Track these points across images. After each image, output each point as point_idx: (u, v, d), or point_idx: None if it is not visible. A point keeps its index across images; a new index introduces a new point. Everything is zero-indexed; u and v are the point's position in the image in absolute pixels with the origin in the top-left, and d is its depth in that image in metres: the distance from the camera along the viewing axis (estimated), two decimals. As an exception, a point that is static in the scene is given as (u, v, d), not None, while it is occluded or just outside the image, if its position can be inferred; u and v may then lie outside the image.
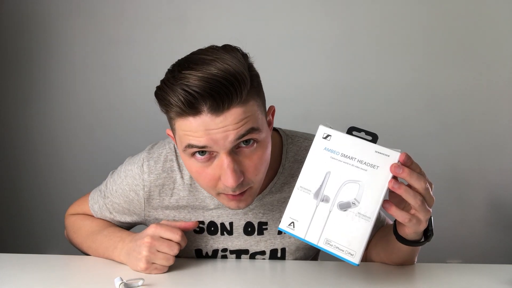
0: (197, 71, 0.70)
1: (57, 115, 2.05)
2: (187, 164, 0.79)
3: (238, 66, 0.72)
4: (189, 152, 0.75)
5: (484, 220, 2.08)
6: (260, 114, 0.77)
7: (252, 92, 0.74)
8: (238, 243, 0.94)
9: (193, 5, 2.00)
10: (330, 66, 2.03)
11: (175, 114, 0.73)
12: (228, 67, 0.71)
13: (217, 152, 0.74)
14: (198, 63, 0.72)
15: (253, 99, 0.75)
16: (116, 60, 2.02)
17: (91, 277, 0.84)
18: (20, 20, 2.01)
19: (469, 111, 2.04)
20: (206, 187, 0.79)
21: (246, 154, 0.76)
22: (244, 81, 0.72)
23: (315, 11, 2.01)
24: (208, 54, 0.74)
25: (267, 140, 0.79)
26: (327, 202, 0.70)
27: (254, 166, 0.77)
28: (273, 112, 0.86)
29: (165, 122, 0.80)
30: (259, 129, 0.75)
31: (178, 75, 0.72)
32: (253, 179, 0.78)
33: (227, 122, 0.71)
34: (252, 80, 0.75)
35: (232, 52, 0.75)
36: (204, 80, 0.69)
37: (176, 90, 0.71)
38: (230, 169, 0.73)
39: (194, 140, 0.73)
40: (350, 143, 0.71)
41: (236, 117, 0.72)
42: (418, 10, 2.00)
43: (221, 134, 0.72)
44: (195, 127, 0.72)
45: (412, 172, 0.69)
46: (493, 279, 0.84)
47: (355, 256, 0.68)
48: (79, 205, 1.03)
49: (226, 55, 0.73)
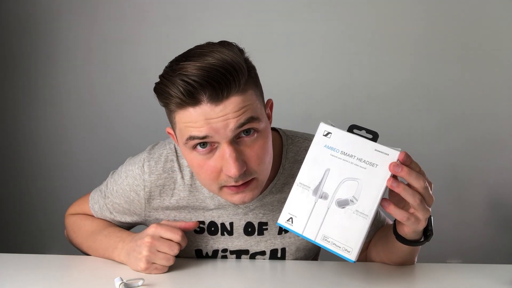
0: (195, 61, 0.72)
1: (57, 115, 2.05)
2: (188, 159, 0.79)
3: (234, 57, 0.74)
4: (190, 145, 0.75)
5: (484, 220, 2.08)
6: (259, 104, 0.77)
7: (250, 82, 0.76)
8: (238, 243, 0.94)
9: (193, 5, 2.00)
10: (329, 66, 2.03)
11: (175, 106, 0.74)
12: (225, 57, 0.72)
13: (218, 142, 0.74)
14: (195, 55, 0.73)
15: (251, 88, 0.76)
16: (117, 60, 2.02)
17: (91, 277, 0.84)
18: (20, 20, 2.01)
19: (469, 110, 2.04)
20: (208, 180, 0.79)
21: (247, 143, 0.76)
22: (241, 70, 0.73)
23: (315, 11, 2.01)
24: (205, 47, 0.75)
25: (268, 131, 0.79)
26: (325, 199, 0.70)
27: (256, 156, 0.77)
28: (271, 105, 0.86)
29: (166, 122, 0.80)
30: (258, 119, 0.76)
31: (176, 67, 0.73)
32: (256, 168, 0.77)
33: (227, 111, 0.72)
34: (249, 71, 0.76)
35: (228, 46, 0.77)
36: (202, 69, 0.71)
37: (175, 82, 0.72)
38: (233, 158, 0.74)
39: (195, 131, 0.73)
40: (350, 141, 0.71)
41: (235, 106, 0.73)
42: (417, 10, 2.01)
43: (222, 123, 0.72)
44: (195, 117, 0.72)
45: (411, 171, 0.69)
46: (493, 279, 0.84)
47: (351, 252, 0.69)
48: (79, 205, 1.03)
49: (223, 48, 0.75)
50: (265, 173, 0.80)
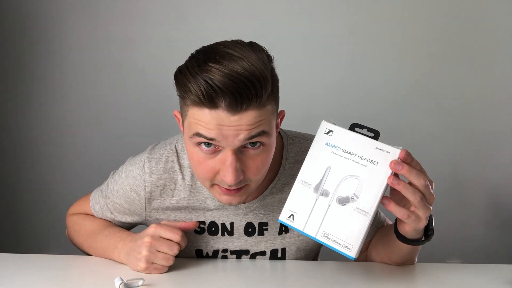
0: (223, 66, 0.70)
1: (57, 114, 2.05)
2: (189, 151, 0.79)
3: (263, 70, 0.72)
4: (195, 141, 0.75)
5: (484, 220, 2.08)
6: (272, 119, 0.77)
7: (271, 97, 0.75)
8: (239, 244, 0.94)
9: (193, 5, 2.00)
10: (331, 67, 2.03)
11: (191, 102, 0.73)
12: (254, 69, 0.70)
13: (223, 147, 0.74)
14: (225, 57, 0.71)
15: (270, 104, 0.75)
16: (117, 60, 2.02)
17: (91, 277, 0.84)
18: (20, 20, 2.01)
19: (469, 111, 2.03)
20: (202, 177, 0.79)
21: (250, 155, 0.76)
22: (266, 86, 0.72)
23: (317, 12, 2.01)
24: (236, 50, 0.73)
25: (273, 144, 0.80)
26: (326, 196, 0.71)
27: (256, 168, 0.77)
28: (283, 117, 0.86)
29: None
30: (269, 133, 0.76)
31: (203, 65, 0.71)
32: (252, 178, 0.78)
33: (241, 122, 0.72)
34: (273, 85, 0.75)
35: (259, 53, 0.75)
36: (229, 77, 0.69)
37: (198, 80, 0.71)
38: (232, 167, 0.74)
39: (204, 131, 0.73)
40: (352, 139, 0.72)
41: (251, 119, 0.72)
42: (418, 9, 2.00)
43: (233, 132, 0.72)
44: (208, 119, 0.72)
45: (411, 169, 0.69)
46: (493, 279, 0.84)
47: (351, 249, 0.69)
48: (80, 205, 1.03)
49: (253, 55, 0.72)
50: (258, 182, 0.81)
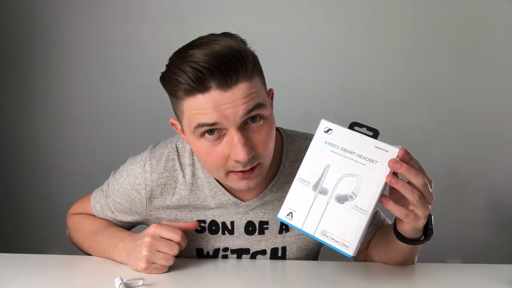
0: (203, 48, 0.74)
1: (57, 114, 2.05)
2: (195, 147, 0.80)
3: (239, 45, 0.76)
4: (198, 133, 0.76)
5: (484, 220, 2.07)
6: (264, 91, 0.80)
7: (255, 69, 0.78)
8: (239, 243, 0.94)
9: (193, 5, 2.00)
10: (330, 66, 2.03)
11: (183, 93, 0.75)
12: (231, 45, 0.75)
13: (226, 129, 0.76)
14: (201, 44, 0.76)
15: (257, 75, 0.78)
16: (117, 60, 2.02)
17: (91, 277, 0.84)
18: (20, 20, 2.00)
19: (469, 111, 2.03)
20: (215, 166, 0.80)
21: (254, 129, 0.78)
22: (248, 57, 0.75)
23: (315, 11, 2.01)
24: (210, 38, 0.78)
25: (272, 117, 0.81)
26: (325, 195, 0.71)
27: (263, 141, 0.78)
28: (272, 95, 0.88)
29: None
30: (265, 105, 0.78)
31: (184, 54, 0.75)
32: (262, 153, 0.79)
33: (235, 97, 0.74)
34: (254, 58, 0.78)
35: (231, 36, 0.80)
36: (211, 55, 0.73)
37: (184, 68, 0.73)
38: (241, 143, 0.75)
39: (204, 117, 0.74)
40: (351, 138, 0.72)
41: (243, 92, 0.74)
42: (418, 9, 2.00)
43: (231, 109, 0.74)
44: (204, 104, 0.74)
45: (410, 168, 0.69)
46: (493, 279, 0.84)
47: (349, 248, 0.70)
48: (81, 205, 1.03)
49: (227, 38, 0.77)
50: (268, 158, 0.82)
